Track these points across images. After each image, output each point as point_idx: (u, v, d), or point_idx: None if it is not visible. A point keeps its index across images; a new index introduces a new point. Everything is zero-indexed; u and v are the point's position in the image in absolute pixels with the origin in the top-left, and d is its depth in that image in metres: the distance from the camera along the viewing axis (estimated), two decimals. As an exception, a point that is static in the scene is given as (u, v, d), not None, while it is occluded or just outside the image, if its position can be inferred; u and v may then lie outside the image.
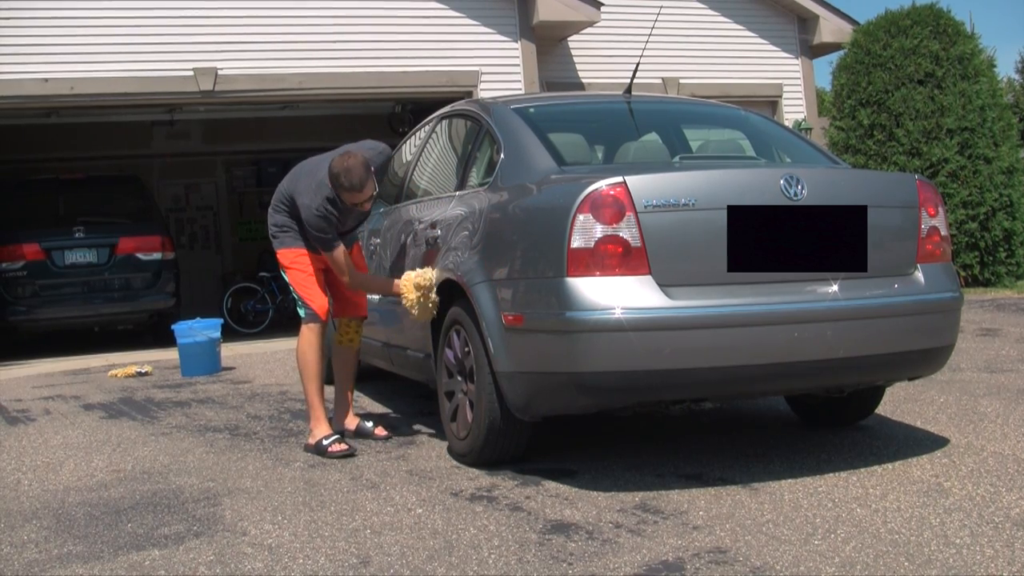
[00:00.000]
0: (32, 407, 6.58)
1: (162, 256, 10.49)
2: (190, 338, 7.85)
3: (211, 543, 3.45)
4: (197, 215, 15.76)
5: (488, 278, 4.09)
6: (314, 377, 4.80)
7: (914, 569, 2.90)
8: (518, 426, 4.13)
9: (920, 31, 11.38)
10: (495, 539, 3.33)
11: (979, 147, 11.12)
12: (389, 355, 5.55)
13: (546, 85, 11.56)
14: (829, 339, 3.78)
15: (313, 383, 4.80)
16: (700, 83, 12.56)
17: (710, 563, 3.00)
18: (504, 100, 5.00)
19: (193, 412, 6.06)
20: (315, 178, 4.70)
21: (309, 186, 4.69)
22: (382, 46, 10.77)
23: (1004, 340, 7.16)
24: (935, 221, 4.14)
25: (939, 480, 3.77)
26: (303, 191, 4.70)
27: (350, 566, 3.15)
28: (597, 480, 3.98)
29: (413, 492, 3.95)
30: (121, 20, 9.93)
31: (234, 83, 10.16)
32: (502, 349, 3.94)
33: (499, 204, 4.19)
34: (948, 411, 4.94)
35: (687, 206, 3.72)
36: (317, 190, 4.66)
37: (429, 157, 5.58)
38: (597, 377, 3.66)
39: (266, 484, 4.21)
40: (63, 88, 9.74)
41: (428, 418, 5.37)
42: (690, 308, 3.66)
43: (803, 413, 4.90)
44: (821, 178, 4.05)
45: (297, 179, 4.82)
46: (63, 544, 3.54)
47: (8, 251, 9.94)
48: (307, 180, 4.74)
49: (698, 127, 5.40)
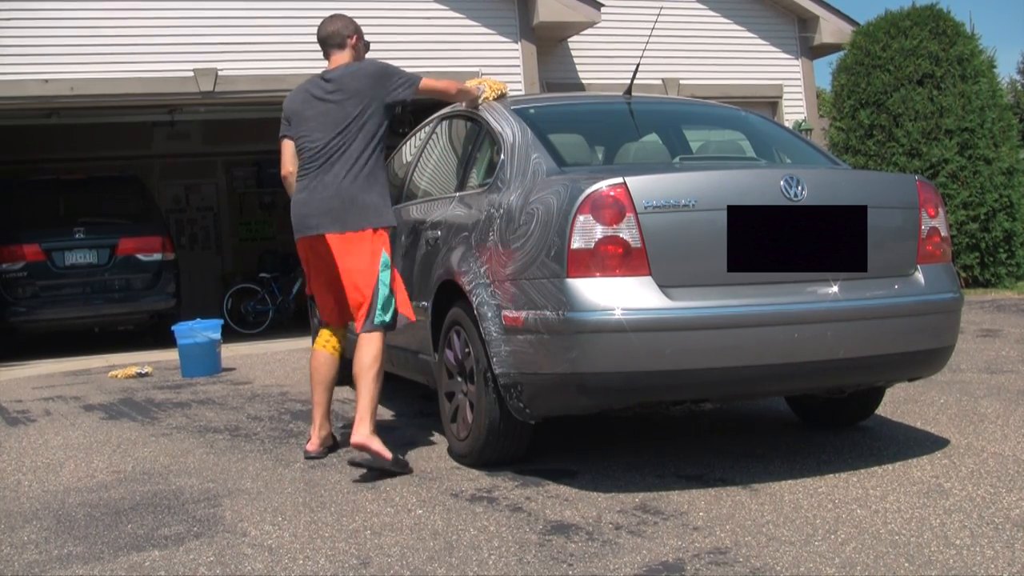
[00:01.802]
0: (32, 408, 6.58)
1: (162, 257, 10.49)
2: (190, 339, 7.85)
3: (211, 544, 3.45)
4: (197, 216, 15.77)
5: (488, 279, 4.09)
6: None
7: (914, 570, 2.90)
8: (518, 427, 4.13)
9: (920, 32, 11.38)
10: (495, 540, 3.33)
11: (979, 148, 11.12)
12: (389, 356, 5.55)
13: (546, 86, 11.57)
14: (829, 340, 3.78)
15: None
16: (700, 84, 12.56)
17: (710, 564, 3.00)
18: (504, 100, 4.99)
19: (193, 413, 6.06)
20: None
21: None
22: (383, 46, 10.66)
23: (1004, 341, 7.16)
24: (935, 222, 4.14)
25: (939, 481, 3.77)
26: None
27: (350, 567, 3.15)
28: (597, 481, 3.98)
29: (413, 493, 3.95)
30: (122, 21, 9.93)
31: (234, 84, 10.17)
32: (502, 350, 3.94)
33: (499, 205, 4.19)
34: (948, 412, 4.94)
35: (687, 207, 3.73)
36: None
37: (429, 158, 5.59)
38: (597, 378, 3.66)
39: (266, 485, 4.21)
40: (63, 89, 9.75)
41: (428, 419, 5.37)
42: (690, 309, 3.66)
43: (803, 414, 4.91)
44: (821, 179, 4.05)
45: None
46: (63, 545, 3.54)
47: (8, 252, 9.94)
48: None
49: (698, 128, 5.40)
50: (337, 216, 4.40)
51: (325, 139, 4.46)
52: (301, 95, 4.66)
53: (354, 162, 4.43)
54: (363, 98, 4.47)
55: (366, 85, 4.50)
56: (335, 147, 4.45)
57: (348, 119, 4.45)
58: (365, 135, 4.46)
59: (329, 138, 4.46)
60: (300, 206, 4.53)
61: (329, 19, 4.85)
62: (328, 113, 4.49)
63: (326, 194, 4.43)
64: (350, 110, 4.46)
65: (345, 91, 4.49)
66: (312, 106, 4.55)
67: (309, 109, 4.56)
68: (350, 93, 4.48)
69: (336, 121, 4.47)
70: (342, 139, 4.44)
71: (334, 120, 4.47)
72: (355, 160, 4.43)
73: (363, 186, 4.42)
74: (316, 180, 4.47)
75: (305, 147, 4.54)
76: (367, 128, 4.46)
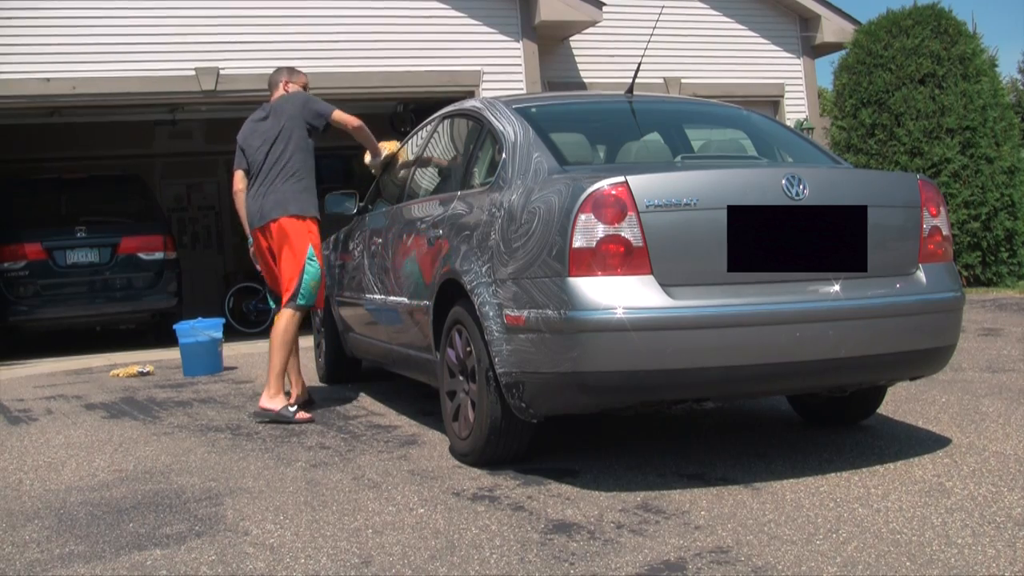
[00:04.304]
0: (34, 407, 6.59)
1: (164, 256, 10.50)
2: (192, 338, 7.85)
3: (213, 543, 3.45)
4: (199, 215, 15.77)
5: (490, 278, 4.09)
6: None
7: (916, 569, 2.90)
8: (520, 426, 4.13)
9: (921, 31, 11.37)
10: (497, 539, 3.33)
11: (981, 147, 11.12)
12: (391, 355, 5.55)
13: (548, 85, 11.56)
14: (831, 339, 3.77)
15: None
16: (702, 83, 12.56)
17: (712, 563, 3.00)
18: (506, 100, 4.99)
19: (195, 412, 6.07)
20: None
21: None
22: (384, 46, 10.77)
23: (1006, 340, 7.15)
24: (937, 221, 4.13)
25: (941, 480, 3.77)
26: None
27: (352, 566, 3.15)
28: (599, 480, 3.98)
29: (415, 492, 3.96)
30: (123, 20, 9.93)
31: (236, 83, 10.16)
32: (504, 349, 3.94)
33: (501, 204, 4.19)
34: (950, 411, 4.94)
35: (689, 206, 3.72)
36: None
37: (431, 157, 5.59)
38: (599, 377, 3.66)
39: (268, 484, 4.21)
40: (65, 88, 9.75)
41: (430, 418, 5.38)
42: (692, 308, 3.65)
43: (805, 413, 4.90)
44: (823, 178, 4.04)
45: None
46: (65, 544, 3.54)
47: (10, 251, 9.94)
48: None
49: (700, 127, 5.40)
50: (270, 211, 5.60)
51: (264, 149, 5.67)
52: (248, 127, 5.87)
53: (284, 165, 5.62)
54: (288, 117, 5.68)
55: (292, 108, 5.72)
56: (272, 155, 5.64)
57: (278, 131, 5.65)
58: (293, 144, 5.63)
59: (267, 148, 5.66)
60: (249, 203, 5.78)
61: (274, 71, 6.14)
62: (265, 131, 5.72)
63: (263, 190, 5.65)
64: (280, 124, 5.67)
65: (276, 113, 5.75)
66: (255, 129, 5.80)
67: (253, 133, 5.80)
68: (278, 114, 5.73)
69: (270, 134, 5.67)
70: (275, 148, 5.64)
71: (268, 134, 5.68)
72: (285, 164, 5.62)
73: (292, 184, 5.60)
74: (259, 182, 5.69)
75: (254, 161, 5.74)
76: (294, 139, 5.64)
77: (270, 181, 5.62)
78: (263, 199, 5.64)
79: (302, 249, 5.57)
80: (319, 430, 5.26)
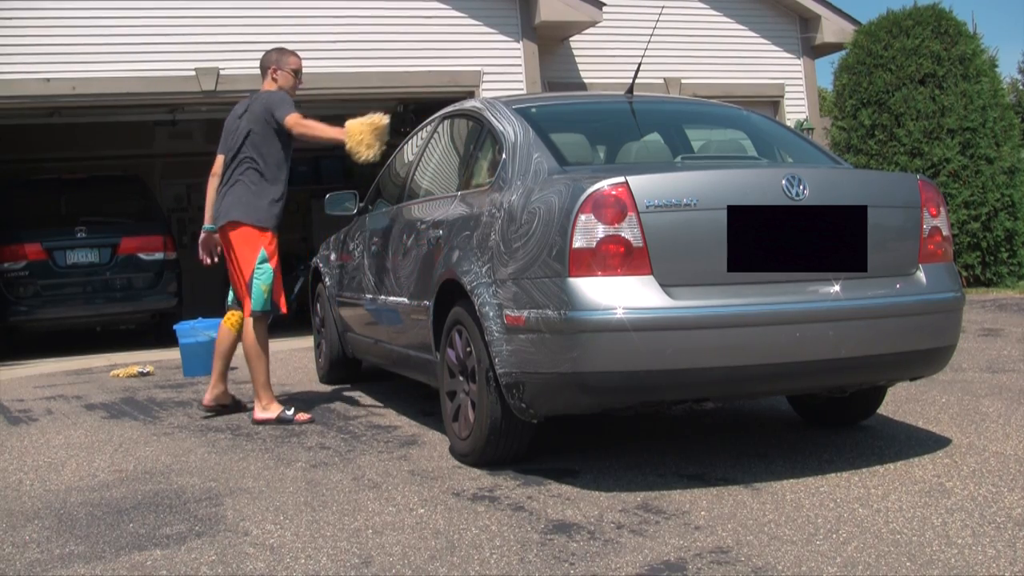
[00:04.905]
0: (34, 407, 6.59)
1: (164, 256, 10.49)
2: (192, 338, 7.85)
3: (213, 543, 3.45)
4: (199, 215, 15.66)
5: (490, 278, 4.09)
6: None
7: (916, 569, 2.90)
8: (520, 426, 4.14)
9: (922, 31, 11.37)
10: (497, 539, 3.33)
11: (981, 147, 11.11)
12: (391, 355, 5.55)
13: (548, 85, 11.56)
14: (831, 339, 3.77)
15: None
16: (702, 83, 12.55)
17: (712, 563, 3.00)
18: (506, 100, 5.00)
19: (195, 412, 6.07)
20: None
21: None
22: (384, 46, 10.77)
23: (1006, 340, 7.15)
24: (937, 221, 4.14)
25: (941, 480, 3.77)
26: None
27: (352, 566, 3.15)
28: (599, 480, 3.99)
29: (415, 492, 3.96)
30: (123, 20, 9.92)
31: (236, 83, 10.14)
32: (504, 349, 3.94)
33: (501, 204, 4.19)
34: (950, 411, 4.94)
35: (689, 206, 3.73)
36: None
37: (431, 157, 5.58)
38: (599, 377, 3.66)
39: (268, 484, 4.21)
40: (65, 88, 9.74)
41: (430, 418, 5.38)
42: (692, 308, 3.66)
43: (805, 413, 4.90)
44: (823, 178, 4.05)
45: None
46: (65, 544, 3.54)
47: (10, 251, 9.93)
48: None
49: (700, 127, 5.40)
50: (224, 213, 5.51)
51: (235, 146, 5.52)
52: (231, 120, 5.67)
53: (246, 169, 5.48)
54: (254, 119, 5.49)
55: (259, 108, 5.50)
56: (239, 155, 5.51)
57: (245, 133, 5.49)
58: (254, 148, 5.47)
59: (237, 147, 5.52)
60: (216, 203, 5.64)
61: (264, 53, 5.81)
62: (236, 128, 5.57)
63: (224, 190, 5.56)
64: (248, 126, 5.50)
65: (249, 111, 5.54)
66: (234, 126, 5.60)
67: (230, 128, 5.63)
68: (250, 114, 5.52)
69: (240, 133, 5.52)
70: (243, 150, 5.49)
71: (239, 132, 5.53)
72: (247, 168, 5.48)
73: (245, 189, 5.46)
74: (224, 180, 5.59)
75: (227, 155, 5.60)
76: (256, 142, 5.46)
77: (232, 182, 5.52)
78: (222, 200, 5.57)
79: (248, 257, 5.49)
80: (319, 430, 5.26)
